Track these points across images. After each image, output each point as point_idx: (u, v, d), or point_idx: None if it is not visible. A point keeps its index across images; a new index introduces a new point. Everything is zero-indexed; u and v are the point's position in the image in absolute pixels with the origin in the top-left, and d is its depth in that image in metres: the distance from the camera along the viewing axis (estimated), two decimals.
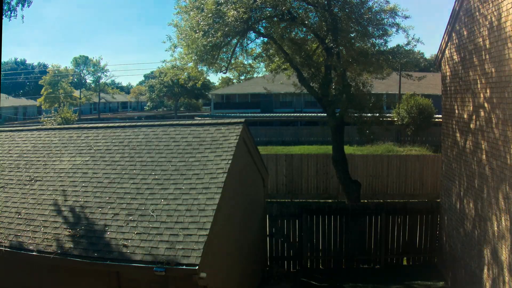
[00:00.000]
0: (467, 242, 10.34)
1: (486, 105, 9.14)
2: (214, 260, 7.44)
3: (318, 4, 12.94)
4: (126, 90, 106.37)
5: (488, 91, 9.01)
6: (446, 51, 11.92)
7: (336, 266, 13.32)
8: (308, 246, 13.20)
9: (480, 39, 9.26)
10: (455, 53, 11.20)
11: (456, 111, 11.23)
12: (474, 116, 9.91)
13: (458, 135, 11.12)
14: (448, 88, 11.95)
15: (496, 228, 8.59)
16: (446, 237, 12.20)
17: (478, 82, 9.55)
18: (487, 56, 8.91)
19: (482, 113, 9.39)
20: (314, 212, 13.23)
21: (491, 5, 8.59)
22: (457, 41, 11.00)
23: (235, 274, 9.40)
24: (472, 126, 10.05)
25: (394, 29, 13.16)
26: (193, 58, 13.88)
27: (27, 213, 7.93)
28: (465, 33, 10.30)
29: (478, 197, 9.60)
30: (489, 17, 8.71)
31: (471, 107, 10.08)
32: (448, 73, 11.89)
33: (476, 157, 9.78)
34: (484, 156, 9.27)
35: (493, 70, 8.65)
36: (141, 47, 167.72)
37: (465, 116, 10.53)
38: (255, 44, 26.87)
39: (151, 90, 70.03)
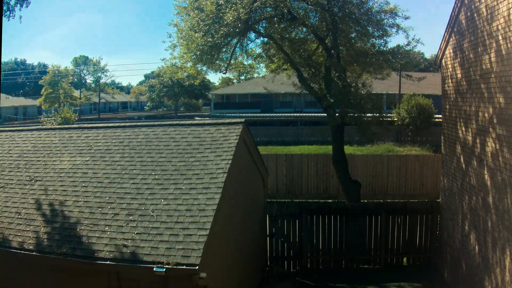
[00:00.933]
0: (467, 242, 10.34)
1: (486, 105, 9.14)
2: (214, 260, 7.44)
3: (318, 4, 12.93)
4: (126, 90, 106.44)
5: (488, 91, 9.00)
6: (446, 51, 11.92)
7: (336, 266, 13.32)
8: (308, 246, 13.19)
9: (481, 39, 9.26)
10: (455, 53, 11.20)
11: (456, 112, 11.24)
12: (474, 116, 9.91)
13: (458, 135, 11.12)
14: (448, 89, 11.95)
15: (496, 227, 8.59)
16: (446, 237, 12.20)
17: (479, 82, 9.55)
18: (487, 56, 8.90)
19: (482, 114, 9.39)
20: (314, 212, 13.23)
21: (491, 5, 8.59)
22: (457, 41, 11.00)
23: (235, 274, 9.40)
24: (472, 126, 10.05)
25: (394, 30, 13.17)
26: (192, 57, 13.88)
27: (27, 213, 7.93)
28: (465, 33, 10.30)
29: (478, 197, 9.60)
30: (489, 17, 8.71)
31: (471, 107, 10.08)
32: (448, 74, 11.89)
33: (476, 157, 9.78)
34: (484, 156, 9.27)
35: (493, 70, 8.65)
36: (141, 47, 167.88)
37: (465, 116, 10.53)
38: (255, 44, 26.89)
39: (151, 90, 70.07)
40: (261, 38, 15.08)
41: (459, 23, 10.69)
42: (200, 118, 37.73)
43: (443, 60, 12.27)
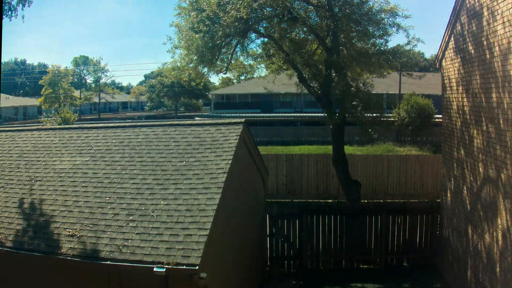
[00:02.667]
0: (467, 242, 10.33)
1: (486, 105, 9.14)
2: (215, 260, 7.44)
3: (318, 4, 12.94)
4: (126, 90, 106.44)
5: (488, 91, 9.00)
6: (446, 52, 11.92)
7: (336, 266, 13.32)
8: (308, 246, 13.19)
9: (481, 39, 9.26)
10: (455, 53, 11.20)
11: (456, 112, 11.23)
12: (474, 116, 9.91)
13: (458, 135, 11.12)
14: (448, 88, 11.95)
15: (496, 227, 8.58)
16: (446, 237, 12.20)
17: (479, 82, 9.55)
18: (488, 56, 8.90)
19: (482, 113, 9.39)
20: (314, 212, 13.23)
21: (491, 5, 8.59)
22: (457, 40, 11.00)
23: (235, 274, 9.40)
24: (472, 126, 10.05)
25: (394, 29, 13.19)
26: (193, 58, 13.87)
27: (27, 213, 7.92)
28: (465, 32, 10.30)
29: (478, 197, 9.59)
30: (490, 16, 8.71)
31: (471, 107, 10.08)
32: (448, 73, 11.89)
33: (476, 157, 9.78)
34: (484, 156, 9.26)
35: (493, 70, 8.65)
36: (141, 47, 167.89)
37: (466, 116, 10.53)
38: (256, 44, 26.86)
39: (151, 90, 70.06)
40: (262, 38, 15.10)
41: (459, 23, 10.69)
42: (200, 118, 37.72)
43: (443, 61, 12.27)
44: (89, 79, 74.55)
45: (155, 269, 6.38)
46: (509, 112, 7.94)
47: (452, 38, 11.39)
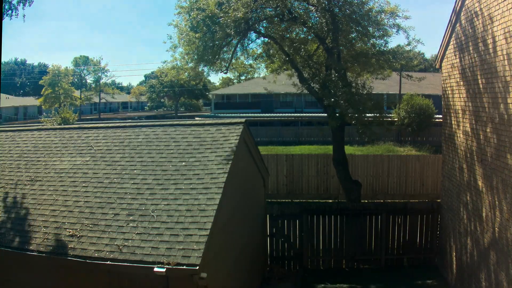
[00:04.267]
0: (467, 242, 10.33)
1: (486, 105, 9.13)
2: (215, 260, 7.44)
3: (318, 4, 12.92)
4: (127, 90, 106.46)
5: (489, 91, 9.00)
6: (447, 52, 11.91)
7: (337, 266, 13.32)
8: (308, 246, 13.19)
9: (481, 39, 9.26)
10: (455, 53, 11.19)
11: (457, 112, 11.23)
12: (474, 116, 9.91)
13: (458, 136, 11.11)
14: (448, 89, 11.95)
15: (496, 227, 8.58)
16: (446, 237, 12.19)
17: (479, 82, 9.54)
18: (488, 56, 8.90)
19: (482, 114, 9.39)
20: (314, 212, 13.23)
21: (490, 5, 8.58)
22: (458, 41, 10.99)
23: (235, 274, 9.40)
24: (472, 127, 10.04)
25: (394, 30, 13.16)
26: (193, 58, 13.85)
27: (26, 213, 7.92)
28: (466, 33, 10.30)
29: (479, 197, 9.59)
30: (490, 16, 8.70)
31: (472, 107, 10.08)
32: (448, 73, 11.88)
33: (476, 157, 9.77)
34: (484, 156, 9.26)
35: (494, 70, 8.64)
36: (141, 47, 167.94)
37: (466, 116, 10.52)
38: (256, 44, 26.86)
39: (152, 90, 70.08)
40: (262, 38, 15.08)
41: (460, 23, 10.68)
42: (200, 118, 37.71)
43: (443, 61, 12.26)
44: (89, 79, 74.48)
45: (155, 269, 6.38)
46: (510, 112, 7.94)
47: (452, 38, 11.38)
